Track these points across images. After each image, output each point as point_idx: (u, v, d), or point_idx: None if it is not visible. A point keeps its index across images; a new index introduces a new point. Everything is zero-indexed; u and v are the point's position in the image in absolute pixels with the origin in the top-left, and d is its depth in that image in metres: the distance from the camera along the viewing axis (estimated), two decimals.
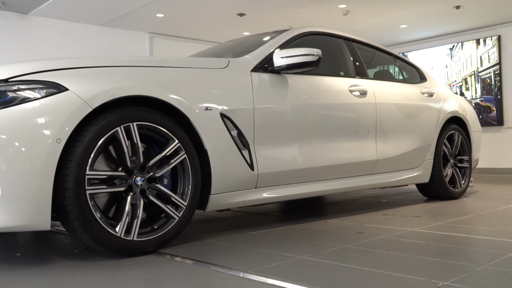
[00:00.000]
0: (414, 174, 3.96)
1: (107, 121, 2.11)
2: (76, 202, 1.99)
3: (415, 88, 4.19)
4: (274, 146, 2.81)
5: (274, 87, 2.88)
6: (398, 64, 4.39)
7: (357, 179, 3.42)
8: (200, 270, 1.92)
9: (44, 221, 1.94)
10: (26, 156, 1.90)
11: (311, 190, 3.05)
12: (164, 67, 2.43)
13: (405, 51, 9.18)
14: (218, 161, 2.50)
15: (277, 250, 2.23)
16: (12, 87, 1.98)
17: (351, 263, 1.95)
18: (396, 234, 2.61)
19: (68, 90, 2.03)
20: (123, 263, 2.05)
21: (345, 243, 2.37)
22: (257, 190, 2.73)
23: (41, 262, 2.12)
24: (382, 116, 3.60)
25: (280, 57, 2.87)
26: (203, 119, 2.44)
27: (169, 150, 2.31)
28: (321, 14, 7.12)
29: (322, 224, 2.99)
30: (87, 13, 6.90)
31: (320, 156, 3.08)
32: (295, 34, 3.30)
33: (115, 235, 2.09)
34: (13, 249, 2.45)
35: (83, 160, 2.02)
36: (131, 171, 2.21)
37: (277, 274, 1.79)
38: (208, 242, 2.49)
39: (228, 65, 2.73)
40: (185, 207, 2.34)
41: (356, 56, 3.76)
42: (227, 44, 3.87)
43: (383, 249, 2.22)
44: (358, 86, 3.49)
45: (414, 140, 3.93)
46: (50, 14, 6.88)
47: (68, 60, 2.17)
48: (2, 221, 1.88)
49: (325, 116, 3.17)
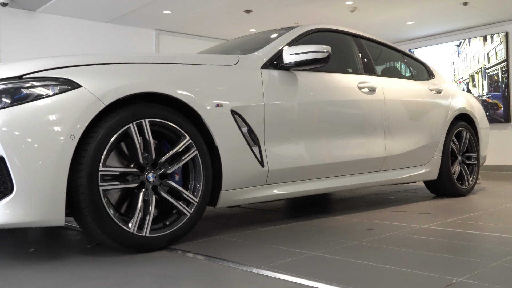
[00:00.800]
0: (422, 171, 3.96)
1: (120, 118, 2.13)
2: (90, 198, 2.01)
3: (423, 85, 4.19)
4: (284, 142, 2.82)
5: (284, 84, 2.88)
6: (406, 60, 4.38)
7: (365, 176, 3.43)
8: (213, 266, 1.94)
9: (58, 217, 1.96)
10: (40, 153, 1.92)
11: (321, 186, 3.06)
12: (175, 64, 2.44)
13: (412, 48, 9.16)
14: (229, 158, 2.51)
15: (288, 246, 2.24)
16: (26, 83, 1.99)
17: (364, 260, 1.96)
18: (406, 230, 2.61)
19: (81, 86, 2.05)
20: (136, 259, 2.07)
21: (356, 239, 2.38)
22: (267, 186, 2.74)
23: (54, 258, 2.13)
24: (391, 113, 3.60)
25: (290, 54, 2.87)
26: (214, 116, 2.45)
27: (180, 146, 2.32)
28: (328, 11, 7.11)
29: (332, 221, 2.99)
30: (94, 10, 6.92)
31: (330, 153, 3.09)
32: (304, 31, 3.30)
33: (128, 231, 2.11)
34: (25, 245, 2.48)
35: (96, 157, 2.04)
36: (143, 168, 2.23)
37: (290, 270, 1.79)
38: (219, 238, 2.50)
39: (238, 62, 2.73)
40: (197, 204, 2.35)
41: (364, 53, 3.75)
42: (235, 41, 3.88)
43: (394, 245, 2.22)
44: (367, 83, 3.49)
45: (423, 137, 3.93)
46: (58, 11, 6.90)
47: (81, 57, 2.18)
48: (17, 217, 1.90)
49: (334, 113, 3.17)
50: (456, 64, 8.70)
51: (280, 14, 7.21)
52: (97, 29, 7.46)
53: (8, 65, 2.08)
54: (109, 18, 7.33)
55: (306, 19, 7.29)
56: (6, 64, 2.10)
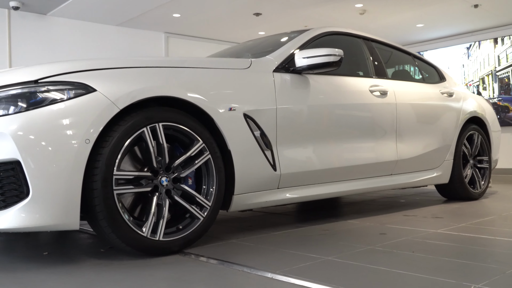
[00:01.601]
0: (433, 175, 3.93)
1: (134, 122, 2.13)
2: (104, 202, 2.01)
3: (434, 88, 4.16)
4: (296, 146, 2.81)
5: (296, 87, 2.88)
6: (417, 63, 4.36)
7: (377, 180, 3.41)
8: (226, 270, 1.93)
9: (73, 221, 1.96)
10: (56, 157, 1.92)
11: (333, 190, 3.05)
12: (188, 68, 2.45)
13: (421, 50, 9.12)
14: (241, 162, 2.51)
15: (302, 250, 2.23)
16: (41, 88, 2.00)
17: (378, 265, 1.95)
18: (419, 235, 2.59)
19: (96, 91, 2.05)
20: (149, 263, 2.07)
21: (370, 244, 2.37)
22: (279, 190, 2.74)
23: (68, 261, 2.14)
24: (403, 116, 3.58)
25: (302, 57, 2.87)
26: (227, 120, 2.45)
27: (194, 150, 2.32)
28: (337, 14, 7.10)
29: (344, 225, 2.98)
30: (104, 13, 6.95)
31: (342, 157, 3.08)
32: (315, 34, 3.29)
33: (142, 235, 2.11)
34: (39, 248, 2.49)
35: (110, 161, 2.04)
36: (156, 172, 2.23)
37: (305, 276, 1.79)
38: (231, 242, 2.50)
39: (251, 66, 2.73)
40: (210, 207, 2.35)
41: (375, 56, 3.74)
42: (246, 44, 3.88)
43: (408, 250, 2.21)
44: (379, 86, 3.48)
45: (434, 140, 3.90)
46: (68, 15, 6.94)
47: (95, 61, 2.19)
48: (32, 221, 1.90)
49: (346, 116, 3.16)
50: (466, 67, 8.65)
51: (289, 17, 7.20)
52: (107, 32, 7.50)
53: (24, 69, 2.09)
54: (119, 21, 7.37)
55: (315, 22, 7.28)
56: (22, 68, 2.12)
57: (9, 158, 1.89)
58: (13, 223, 1.89)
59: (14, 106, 1.96)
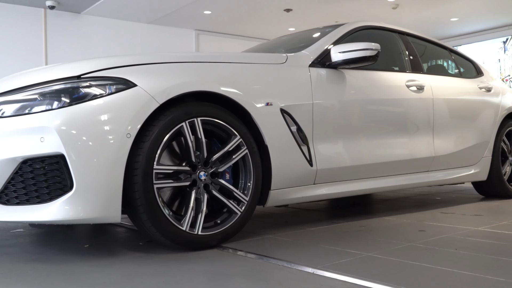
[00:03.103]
0: (471, 172, 3.84)
1: (173, 117, 2.14)
2: (145, 196, 2.03)
3: (472, 83, 4.06)
4: (333, 142, 2.79)
5: (332, 82, 2.85)
6: (454, 57, 4.26)
7: (414, 176, 3.35)
8: (266, 265, 1.93)
9: (115, 214, 1.99)
10: (98, 151, 1.95)
11: (370, 186, 3.01)
12: (226, 63, 2.45)
13: (455, 45, 8.92)
14: (278, 157, 2.50)
15: (341, 246, 2.21)
16: (84, 83, 2.03)
17: (421, 261, 1.91)
18: (461, 232, 2.53)
19: (136, 86, 2.08)
20: (188, 257, 2.08)
21: (409, 241, 2.32)
22: (315, 186, 2.72)
23: (110, 254, 2.18)
24: (440, 111, 3.51)
25: (338, 52, 2.84)
26: (264, 115, 2.44)
27: (231, 145, 2.32)
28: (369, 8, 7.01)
29: (380, 221, 2.94)
30: (136, 11, 7.05)
31: (378, 152, 3.03)
32: (350, 29, 3.25)
33: (181, 229, 2.13)
34: (79, 241, 2.53)
35: (151, 155, 2.06)
36: (195, 166, 2.24)
37: (347, 271, 1.77)
38: (268, 237, 2.50)
39: (287, 60, 2.72)
40: (247, 202, 2.35)
41: (411, 50, 3.67)
42: (279, 40, 3.87)
43: (451, 247, 2.16)
44: (415, 81, 3.41)
45: (472, 136, 3.81)
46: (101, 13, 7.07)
47: (135, 57, 2.21)
48: (75, 213, 1.94)
49: (382, 111, 3.11)
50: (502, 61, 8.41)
51: (320, 12, 7.16)
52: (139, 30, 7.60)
53: (67, 65, 2.13)
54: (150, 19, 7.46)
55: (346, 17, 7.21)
56: (65, 64, 2.16)
57: (54, 152, 1.93)
58: (58, 215, 1.93)
59: (57, 101, 2.00)
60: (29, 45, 6.79)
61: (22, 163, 1.96)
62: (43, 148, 1.93)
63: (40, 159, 1.95)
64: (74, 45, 6.98)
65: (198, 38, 8.11)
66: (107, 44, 7.22)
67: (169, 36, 7.83)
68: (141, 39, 7.57)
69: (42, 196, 1.96)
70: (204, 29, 8.09)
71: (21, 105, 2.03)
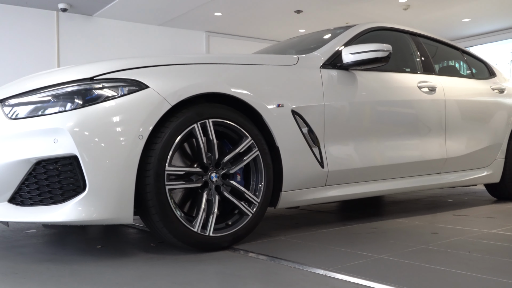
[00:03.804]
0: (484, 174, 3.81)
1: (185, 118, 2.15)
2: (156, 197, 2.04)
3: (484, 84, 4.03)
4: (344, 143, 2.78)
5: (343, 83, 2.84)
6: (466, 58, 4.23)
7: (426, 178, 3.33)
8: (278, 267, 1.92)
9: (127, 215, 2.00)
10: (110, 152, 1.97)
11: (381, 188, 2.99)
12: (237, 65, 2.45)
13: (467, 46, 8.85)
14: (289, 158, 2.49)
15: (352, 248, 2.20)
16: (97, 85, 2.05)
17: (435, 264, 1.89)
18: (473, 235, 2.51)
19: (148, 87, 2.09)
20: (200, 258, 2.09)
21: (422, 243, 2.31)
22: (326, 188, 2.71)
23: (122, 255, 2.19)
24: (452, 113, 3.48)
25: (350, 53, 2.83)
26: (275, 116, 2.44)
27: (242, 147, 2.32)
28: (380, 9, 6.99)
29: (392, 223, 2.92)
30: (147, 14, 7.09)
31: (389, 154, 3.02)
32: (361, 30, 3.24)
33: (193, 230, 2.13)
34: (91, 242, 2.55)
35: (163, 156, 2.07)
36: (206, 168, 2.24)
37: (360, 273, 1.76)
38: (279, 239, 2.49)
39: (298, 62, 2.72)
40: (258, 204, 2.35)
41: (423, 51, 3.65)
42: (290, 41, 3.86)
43: (464, 250, 2.14)
44: (427, 82, 3.39)
45: (484, 138, 3.78)
46: (113, 15, 7.12)
47: (147, 59, 2.22)
48: (88, 214, 1.95)
49: (394, 113, 3.10)
50: None
51: (330, 14, 7.14)
52: (150, 31, 7.64)
53: (80, 67, 2.15)
54: (161, 21, 7.50)
55: (357, 18, 7.19)
56: (78, 66, 2.17)
57: (67, 153, 1.94)
58: (71, 216, 1.94)
59: (71, 103, 2.02)
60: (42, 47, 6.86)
61: (36, 164, 1.98)
62: (56, 150, 1.95)
63: (53, 160, 1.97)
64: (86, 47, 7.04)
65: (209, 40, 8.13)
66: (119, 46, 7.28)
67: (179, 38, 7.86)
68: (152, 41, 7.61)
69: (55, 197, 1.98)
70: (215, 31, 8.12)
71: (34, 107, 2.05)
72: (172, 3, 6.56)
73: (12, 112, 2.07)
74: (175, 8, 6.77)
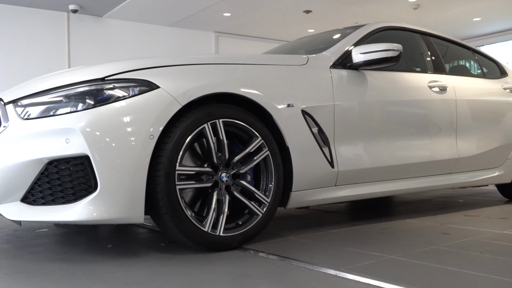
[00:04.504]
0: (495, 174, 3.77)
1: (195, 118, 2.16)
2: (167, 197, 2.05)
3: (496, 84, 3.99)
4: (354, 143, 2.77)
5: (353, 83, 2.83)
6: (477, 58, 4.20)
7: (436, 178, 3.31)
8: (288, 267, 1.92)
9: (138, 215, 2.01)
10: (122, 152, 1.98)
11: (391, 188, 2.98)
12: (247, 65, 2.46)
13: (478, 45, 8.78)
14: (299, 158, 2.49)
15: (363, 248, 2.19)
16: (108, 85, 2.06)
17: (446, 265, 1.88)
18: (485, 236, 2.49)
19: (159, 87, 2.10)
20: (210, 258, 2.09)
21: (433, 243, 2.29)
22: (336, 188, 2.70)
23: (132, 254, 2.20)
24: (463, 112, 3.46)
25: (360, 53, 2.82)
26: (285, 116, 2.44)
27: (253, 146, 2.33)
28: (390, 9, 6.96)
29: (402, 224, 2.91)
30: (157, 14, 7.12)
31: (400, 154, 3.00)
32: (371, 30, 3.22)
33: (203, 230, 2.14)
34: (102, 241, 2.57)
35: (173, 156, 2.08)
36: (216, 167, 2.25)
37: (371, 273, 1.75)
38: (289, 239, 2.49)
39: (308, 62, 2.71)
40: (268, 204, 2.35)
41: (433, 51, 3.63)
42: (299, 41, 3.86)
43: (476, 251, 2.13)
44: (438, 81, 3.37)
45: (496, 138, 3.74)
46: (123, 16, 7.16)
47: (157, 59, 2.23)
48: (99, 214, 1.96)
49: (404, 113, 3.08)
50: None
51: (339, 14, 7.13)
52: (159, 32, 7.68)
53: (91, 68, 2.16)
54: (171, 22, 7.52)
55: (366, 18, 7.16)
56: (89, 67, 2.19)
57: (79, 153, 1.96)
58: (82, 215, 1.96)
59: (82, 103, 2.03)
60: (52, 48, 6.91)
61: (48, 164, 1.99)
62: (68, 149, 1.97)
63: (65, 160, 1.98)
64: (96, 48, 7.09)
65: (218, 40, 8.15)
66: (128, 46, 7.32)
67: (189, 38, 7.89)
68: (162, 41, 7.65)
69: (67, 196, 1.99)
70: (224, 31, 8.13)
71: (46, 107, 2.07)
72: (181, 4, 6.58)
73: (25, 113, 2.09)
74: (184, 8, 6.79)
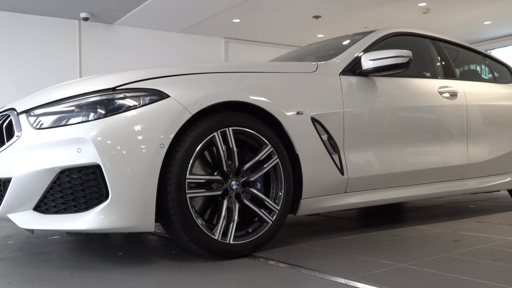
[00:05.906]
0: (507, 179, 3.74)
1: (205, 127, 2.17)
2: (178, 205, 2.06)
3: (507, 88, 3.97)
4: (364, 150, 2.77)
5: (363, 90, 2.83)
6: (488, 62, 4.17)
7: (447, 184, 3.29)
8: (299, 275, 1.92)
9: (149, 223, 2.02)
10: (132, 161, 2.00)
11: (401, 195, 2.97)
12: (256, 73, 2.47)
13: (488, 49, 8.72)
14: (309, 166, 2.49)
15: (373, 256, 2.19)
16: (119, 95, 2.08)
17: (458, 273, 1.87)
18: (498, 243, 2.47)
19: (169, 97, 2.11)
20: (221, 265, 2.10)
21: (445, 251, 2.28)
22: (346, 195, 2.70)
23: (143, 262, 2.21)
24: (474, 118, 3.44)
25: (369, 60, 2.82)
26: (295, 124, 2.44)
27: (262, 154, 2.33)
28: (399, 14, 6.94)
29: (413, 230, 2.89)
30: (167, 21, 7.17)
31: (410, 160, 2.99)
32: (381, 36, 3.22)
33: (213, 238, 2.15)
34: (114, 249, 2.58)
35: (184, 165, 2.09)
36: (226, 176, 2.26)
37: (381, 282, 1.75)
38: (299, 246, 2.49)
39: (317, 69, 2.72)
40: (278, 211, 2.36)
41: (443, 56, 3.62)
42: (308, 48, 3.87)
43: (488, 259, 2.11)
44: (448, 87, 3.36)
45: (508, 143, 3.72)
46: (133, 23, 7.22)
47: (167, 68, 2.25)
48: (111, 222, 1.98)
49: (414, 119, 3.07)
50: None
51: (349, 18, 7.12)
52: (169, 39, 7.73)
53: (102, 78, 2.19)
54: (181, 28, 7.57)
55: (375, 23, 7.15)
56: (100, 77, 2.22)
57: (90, 162, 1.98)
58: (94, 224, 1.97)
59: (93, 113, 2.06)
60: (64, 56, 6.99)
61: (60, 173, 2.02)
62: (80, 159, 1.99)
63: (77, 169, 2.00)
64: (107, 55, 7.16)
65: (227, 46, 8.19)
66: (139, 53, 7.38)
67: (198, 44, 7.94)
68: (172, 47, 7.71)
69: (79, 205, 2.02)
70: (233, 37, 8.17)
71: (58, 117, 2.09)
72: (191, 10, 6.62)
73: (37, 122, 2.12)
74: (194, 15, 6.84)
